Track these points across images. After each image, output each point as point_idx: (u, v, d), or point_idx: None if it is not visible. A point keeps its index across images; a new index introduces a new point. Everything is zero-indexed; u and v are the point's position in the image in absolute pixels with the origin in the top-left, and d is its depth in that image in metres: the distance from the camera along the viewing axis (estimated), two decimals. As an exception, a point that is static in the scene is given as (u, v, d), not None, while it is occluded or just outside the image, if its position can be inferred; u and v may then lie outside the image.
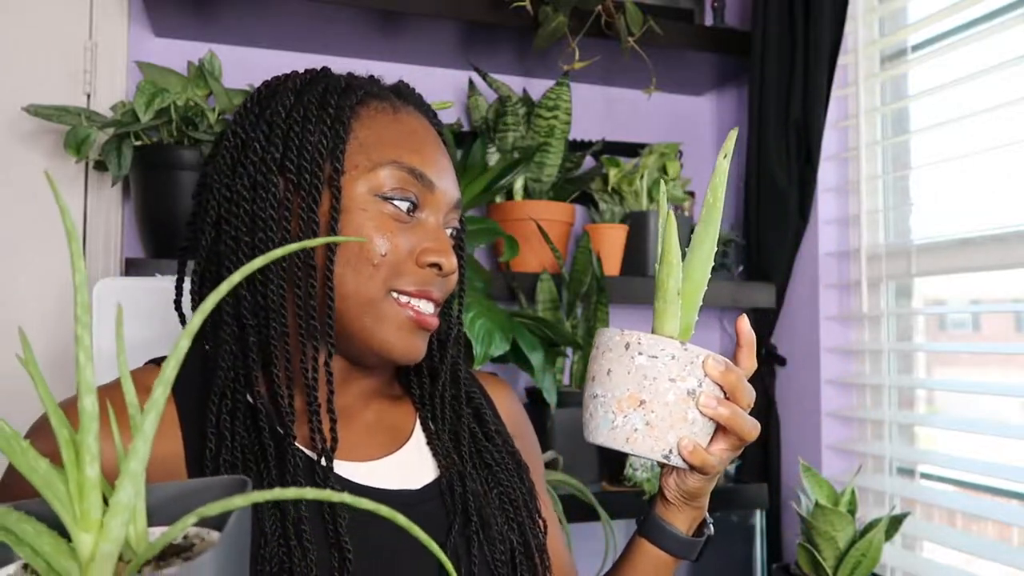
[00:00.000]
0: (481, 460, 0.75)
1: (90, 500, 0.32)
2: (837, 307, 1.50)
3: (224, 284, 0.35)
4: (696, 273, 0.67)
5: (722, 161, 0.65)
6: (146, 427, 0.33)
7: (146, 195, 1.26)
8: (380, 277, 0.66)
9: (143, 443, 0.33)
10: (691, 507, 0.73)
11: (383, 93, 0.73)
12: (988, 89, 1.24)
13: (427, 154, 0.70)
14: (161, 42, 1.45)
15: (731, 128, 0.71)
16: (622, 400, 0.63)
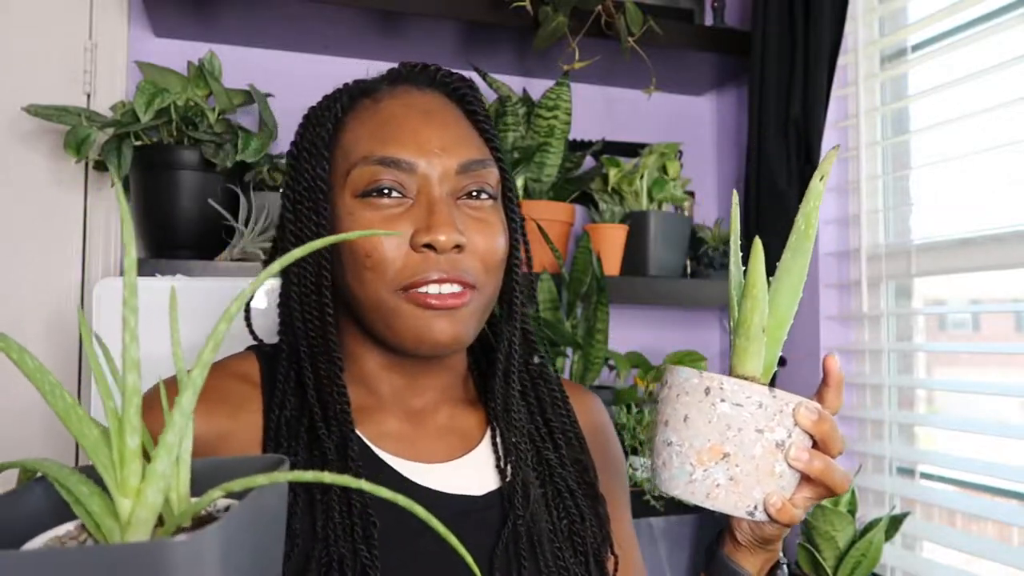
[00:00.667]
0: (548, 472, 0.73)
1: (129, 468, 0.35)
2: (837, 307, 1.50)
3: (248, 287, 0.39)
4: (781, 308, 0.62)
5: (817, 184, 0.60)
6: (184, 403, 0.35)
7: (146, 195, 1.26)
8: (379, 278, 0.66)
9: (180, 416, 0.35)
10: (765, 551, 0.68)
11: (371, 87, 0.74)
12: (988, 89, 1.24)
13: (403, 135, 0.68)
14: (161, 42, 1.45)
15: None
16: (702, 452, 0.58)
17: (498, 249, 0.69)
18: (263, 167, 1.32)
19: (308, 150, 0.70)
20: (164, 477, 0.35)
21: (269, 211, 1.29)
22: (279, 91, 1.46)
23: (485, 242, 0.68)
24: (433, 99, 0.73)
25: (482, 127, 0.74)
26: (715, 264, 1.57)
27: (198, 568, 0.31)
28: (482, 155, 0.71)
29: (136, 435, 0.35)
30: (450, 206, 0.67)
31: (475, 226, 0.68)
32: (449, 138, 0.69)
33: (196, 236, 1.27)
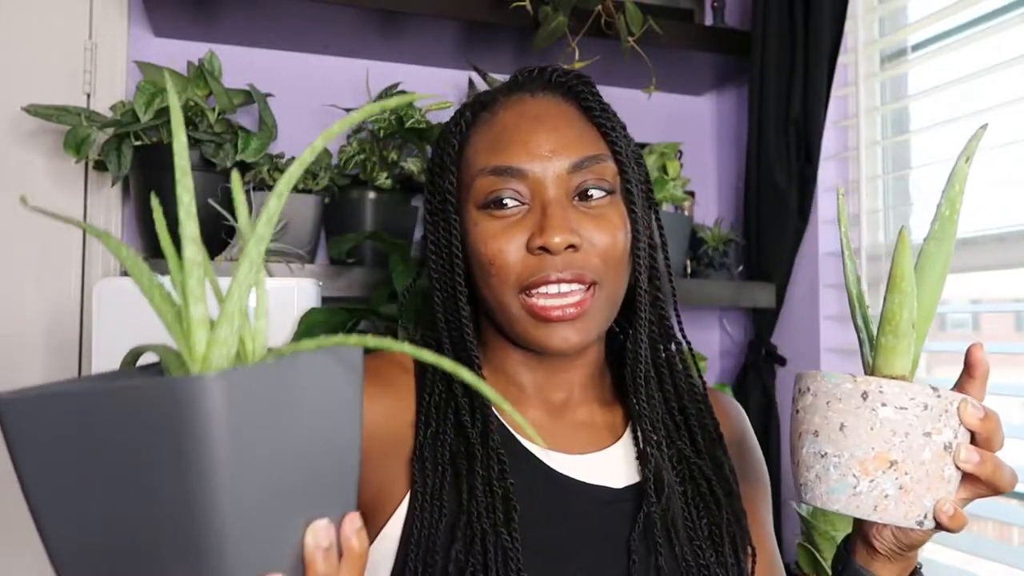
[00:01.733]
0: (685, 464, 0.74)
1: (195, 337, 0.38)
2: (837, 307, 1.50)
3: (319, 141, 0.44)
4: (928, 300, 0.59)
5: (963, 166, 0.57)
6: (241, 277, 0.39)
7: (146, 195, 1.26)
8: (502, 283, 0.69)
9: (237, 287, 0.38)
10: (905, 558, 0.64)
11: (490, 98, 0.77)
12: (988, 89, 1.24)
13: (514, 144, 0.71)
14: (161, 42, 1.45)
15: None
16: (866, 461, 0.54)
17: (617, 244, 0.70)
18: (263, 167, 1.32)
19: (439, 165, 0.75)
20: (226, 343, 0.37)
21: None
22: (279, 91, 1.46)
23: (603, 238, 0.70)
24: (547, 103, 0.75)
25: (599, 122, 0.75)
26: (715, 264, 1.57)
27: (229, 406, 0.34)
28: (596, 151, 0.72)
29: (199, 304, 0.38)
30: (564, 207, 0.69)
31: (592, 223, 0.70)
32: (560, 139, 0.71)
33: (196, 236, 1.27)
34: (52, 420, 0.35)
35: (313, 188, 1.34)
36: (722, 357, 1.76)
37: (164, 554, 0.35)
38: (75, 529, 0.36)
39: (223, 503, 0.34)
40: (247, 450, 0.35)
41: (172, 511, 0.34)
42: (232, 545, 0.35)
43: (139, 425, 0.34)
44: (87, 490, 0.35)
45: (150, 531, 0.35)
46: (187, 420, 0.33)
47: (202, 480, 0.34)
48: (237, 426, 0.34)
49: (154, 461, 0.34)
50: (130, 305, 1.06)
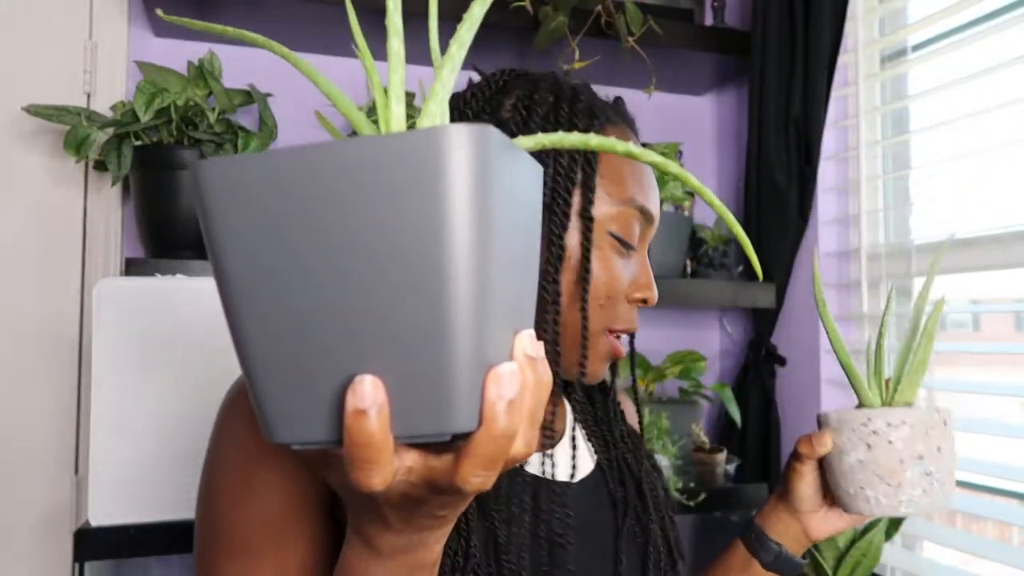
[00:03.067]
0: (623, 460, 0.78)
1: (393, 110, 0.36)
2: (837, 307, 1.50)
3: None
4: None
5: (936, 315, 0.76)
6: (454, 55, 0.37)
7: (146, 195, 1.26)
8: (603, 317, 0.68)
9: (449, 70, 0.37)
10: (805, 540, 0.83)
11: (616, 118, 0.74)
12: (988, 89, 1.24)
13: (652, 193, 0.71)
14: (161, 42, 1.45)
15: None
16: (953, 472, 0.74)
17: None
18: (263, 167, 1.32)
19: (582, 131, 0.69)
20: (434, 119, 0.36)
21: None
22: (279, 91, 1.46)
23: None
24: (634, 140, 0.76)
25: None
26: (715, 264, 1.57)
27: (479, 161, 0.31)
28: None
29: (401, 103, 0.36)
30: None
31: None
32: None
33: (196, 236, 1.27)
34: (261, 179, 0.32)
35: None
36: (722, 357, 1.76)
37: (373, 328, 0.32)
38: (273, 310, 0.33)
39: (462, 274, 0.31)
40: (489, 217, 0.32)
41: (396, 279, 0.32)
42: (462, 327, 0.32)
43: (375, 182, 0.31)
44: (297, 257, 0.32)
45: (359, 305, 0.32)
46: (437, 171, 0.31)
47: (443, 241, 0.31)
48: (486, 186, 0.32)
49: (387, 222, 0.31)
50: (130, 305, 1.06)
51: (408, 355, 0.32)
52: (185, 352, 1.06)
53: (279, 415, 0.34)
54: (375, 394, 0.32)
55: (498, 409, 0.33)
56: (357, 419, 0.32)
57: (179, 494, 1.06)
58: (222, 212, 0.33)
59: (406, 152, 0.31)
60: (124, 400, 1.05)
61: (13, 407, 1.33)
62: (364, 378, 0.32)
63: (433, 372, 0.32)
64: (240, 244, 0.33)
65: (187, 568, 1.41)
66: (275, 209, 0.32)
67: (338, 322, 0.33)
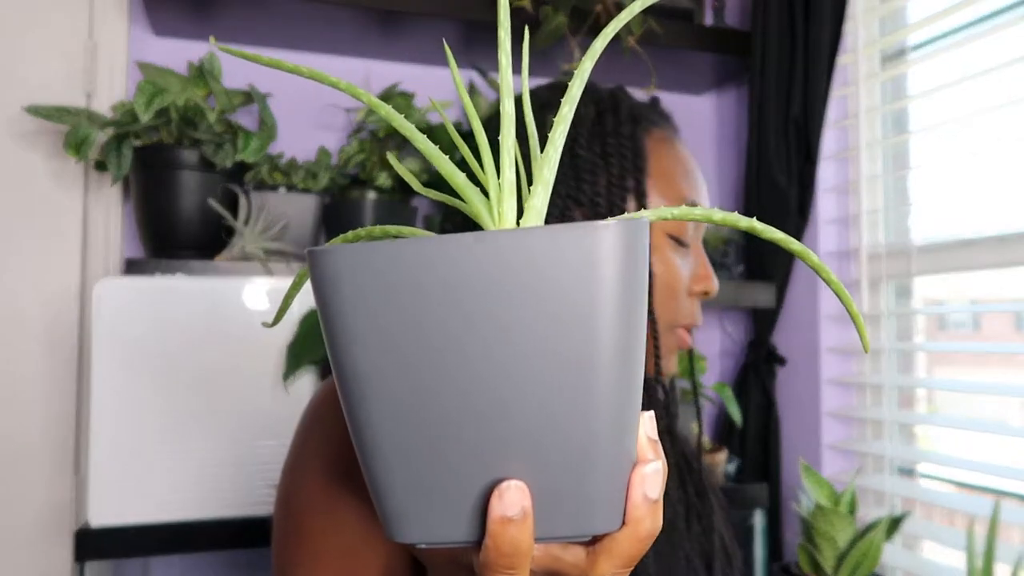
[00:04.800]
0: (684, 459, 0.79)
1: (507, 204, 0.34)
2: (837, 306, 1.50)
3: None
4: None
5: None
6: (556, 138, 0.35)
7: (146, 195, 1.26)
8: (668, 313, 0.70)
9: (555, 151, 0.35)
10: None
11: (657, 119, 0.75)
12: (988, 89, 1.24)
13: (699, 181, 0.73)
14: (161, 42, 1.45)
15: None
16: None
17: None
18: (263, 167, 1.32)
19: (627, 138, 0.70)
20: (540, 213, 0.34)
21: (269, 211, 1.29)
22: (279, 91, 1.46)
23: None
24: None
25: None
26: (715, 264, 1.57)
27: (626, 255, 0.31)
28: None
29: (513, 168, 0.34)
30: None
31: None
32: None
33: (196, 236, 1.27)
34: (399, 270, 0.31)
35: (313, 188, 1.34)
36: (722, 357, 1.76)
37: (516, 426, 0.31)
38: (407, 406, 0.31)
39: (610, 367, 0.30)
40: (636, 312, 0.32)
41: (542, 375, 0.30)
42: (608, 424, 0.31)
43: (523, 277, 0.30)
44: (437, 351, 0.31)
45: (502, 402, 0.31)
46: (595, 267, 0.30)
47: (595, 336, 0.30)
48: (634, 281, 0.31)
49: (535, 317, 0.30)
50: (130, 305, 1.06)
51: (552, 454, 0.31)
52: (185, 352, 1.06)
53: (405, 513, 0.33)
54: (522, 500, 0.31)
55: (644, 511, 0.33)
56: (503, 526, 0.31)
57: (179, 494, 1.06)
58: (352, 302, 0.31)
59: (562, 248, 0.30)
60: (124, 400, 1.05)
61: (13, 407, 1.33)
62: (511, 484, 0.31)
63: (577, 471, 0.31)
64: (373, 336, 0.31)
65: (187, 568, 1.41)
66: (413, 301, 0.31)
67: (479, 421, 0.31)
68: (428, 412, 0.31)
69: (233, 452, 1.08)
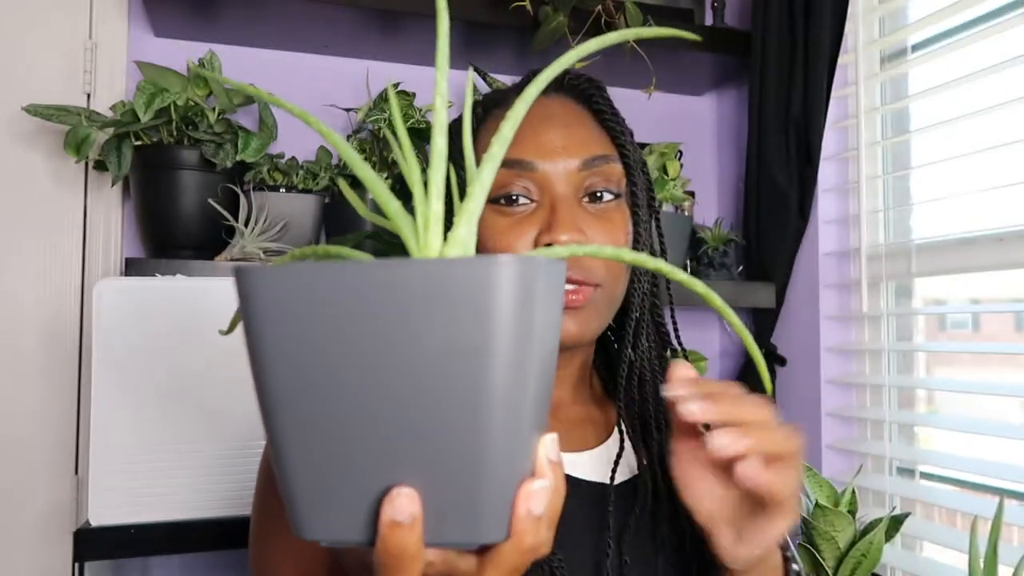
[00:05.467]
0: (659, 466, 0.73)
1: (432, 231, 0.37)
2: (837, 307, 1.50)
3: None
4: None
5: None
6: (483, 176, 0.38)
7: (146, 195, 1.27)
8: None
9: (480, 189, 0.37)
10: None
11: (502, 97, 0.75)
12: (988, 89, 1.24)
13: (524, 138, 0.70)
14: (161, 42, 1.45)
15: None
16: None
17: (619, 247, 0.70)
18: (263, 167, 1.32)
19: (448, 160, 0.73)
20: (464, 244, 0.37)
21: (269, 211, 1.29)
22: (279, 91, 1.46)
23: (606, 240, 0.69)
24: (559, 103, 0.75)
25: (608, 125, 0.75)
26: (715, 264, 1.57)
27: (521, 290, 0.33)
28: (604, 151, 0.72)
29: (440, 200, 0.37)
30: (572, 206, 0.69)
31: (597, 225, 0.69)
32: (570, 137, 0.71)
33: (196, 236, 1.27)
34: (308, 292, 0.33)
35: (313, 188, 1.34)
36: (722, 357, 1.76)
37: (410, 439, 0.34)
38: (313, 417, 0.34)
39: (500, 392, 0.33)
40: (530, 341, 0.34)
41: (437, 395, 0.33)
42: (497, 442, 0.33)
43: (424, 304, 0.32)
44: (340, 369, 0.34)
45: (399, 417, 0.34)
46: (487, 299, 0.32)
47: (485, 363, 0.33)
48: (529, 313, 0.34)
49: (433, 341, 0.33)
50: (130, 305, 1.06)
51: (443, 467, 0.34)
52: (185, 352, 1.06)
53: (310, 514, 0.35)
54: (411, 506, 0.34)
55: (527, 525, 0.35)
56: (392, 530, 0.33)
57: (179, 494, 1.06)
58: (266, 320, 0.34)
59: (458, 279, 0.32)
60: (124, 400, 1.05)
61: (13, 407, 1.33)
62: (401, 490, 0.34)
63: (466, 484, 0.34)
64: (283, 352, 0.34)
65: (187, 568, 1.41)
66: (321, 321, 0.33)
67: (377, 432, 0.34)
68: (332, 423, 0.34)
69: (233, 452, 1.08)
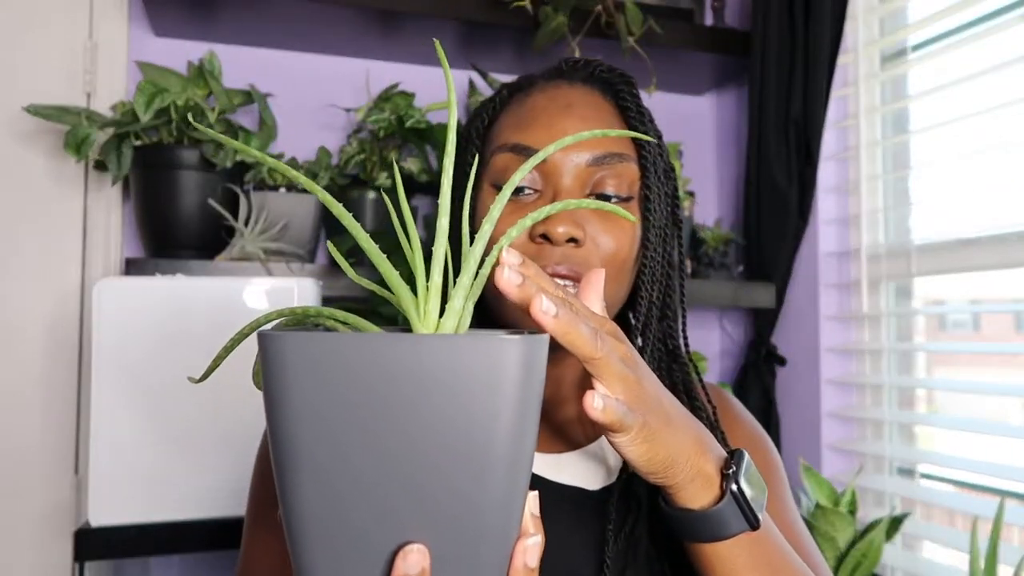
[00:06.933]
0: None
1: (431, 303, 0.39)
2: (837, 307, 1.50)
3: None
4: None
5: None
6: (476, 252, 0.41)
7: (146, 195, 1.26)
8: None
9: (473, 262, 0.40)
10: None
11: (529, 81, 0.74)
12: (988, 89, 1.24)
13: (538, 126, 0.68)
14: (161, 42, 1.45)
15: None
16: None
17: (622, 249, 0.67)
18: (263, 167, 1.32)
19: (464, 138, 0.73)
20: (458, 313, 0.39)
21: (269, 211, 1.29)
22: (279, 91, 1.46)
23: (606, 240, 0.66)
24: (582, 93, 0.72)
25: (632, 124, 0.72)
26: (715, 264, 1.57)
27: (526, 365, 0.36)
28: (620, 150, 0.69)
29: (440, 274, 0.40)
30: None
31: (599, 223, 0.67)
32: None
33: (196, 236, 1.27)
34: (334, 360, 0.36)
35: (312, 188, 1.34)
36: (722, 357, 1.76)
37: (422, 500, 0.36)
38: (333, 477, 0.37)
39: (504, 458, 0.36)
40: (532, 412, 0.37)
41: (448, 459, 0.36)
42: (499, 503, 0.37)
43: (441, 375, 0.35)
44: (363, 433, 0.36)
45: (413, 479, 0.36)
46: (499, 375, 0.36)
47: (494, 432, 0.36)
48: (533, 386, 0.37)
49: (447, 410, 0.36)
50: (130, 305, 1.06)
51: (450, 525, 0.37)
52: (185, 352, 1.06)
53: (322, 569, 0.38)
54: (422, 561, 0.36)
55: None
56: None
57: (179, 494, 1.06)
58: (292, 384, 0.36)
59: (474, 356, 0.36)
60: (124, 400, 1.05)
61: (13, 407, 1.33)
62: (414, 546, 0.36)
63: (471, 540, 0.37)
64: (306, 416, 0.36)
65: (187, 568, 1.41)
66: (348, 388, 0.36)
67: (390, 493, 0.36)
68: (348, 483, 0.36)
69: (233, 452, 1.08)
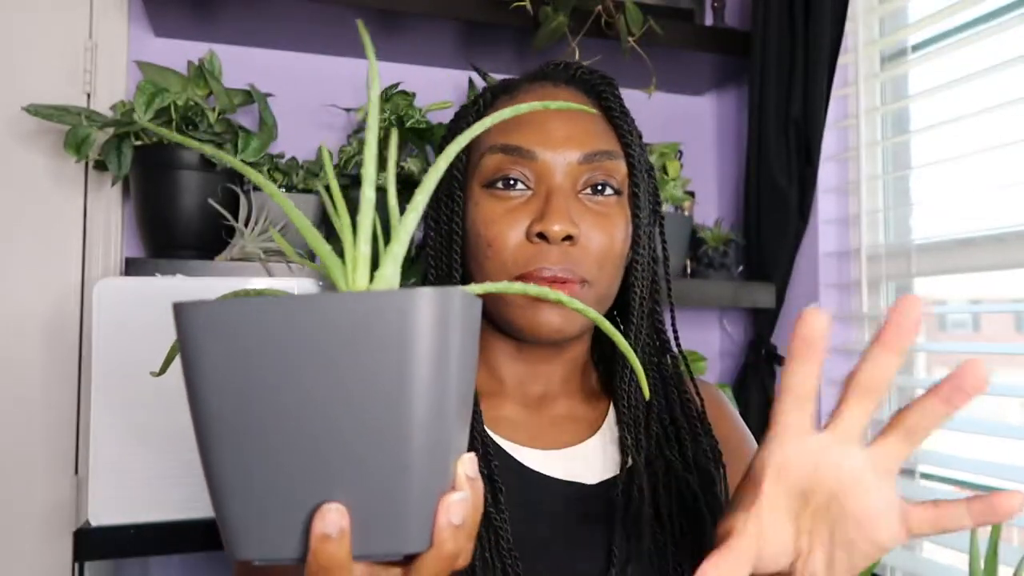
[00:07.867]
0: (675, 485, 0.70)
1: (360, 272, 0.40)
2: (837, 307, 1.50)
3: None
4: None
5: None
6: (407, 223, 0.41)
7: (146, 195, 1.26)
8: (496, 267, 0.67)
9: (405, 233, 0.40)
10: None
11: (513, 84, 0.75)
12: (988, 89, 1.24)
13: (528, 126, 0.69)
14: (161, 42, 1.45)
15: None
16: None
17: (615, 245, 0.69)
18: (263, 167, 1.32)
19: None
20: (389, 282, 0.40)
21: (269, 211, 1.29)
22: (279, 91, 1.46)
23: (600, 237, 0.68)
24: (568, 94, 0.75)
25: (616, 123, 0.74)
26: (715, 264, 1.57)
27: (439, 317, 0.36)
28: (608, 147, 0.71)
29: (368, 243, 0.40)
30: (568, 197, 0.68)
31: (593, 220, 0.68)
32: (575, 130, 0.70)
33: (196, 236, 1.27)
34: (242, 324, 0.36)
35: (313, 188, 1.34)
36: (722, 357, 1.76)
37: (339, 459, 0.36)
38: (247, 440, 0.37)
39: (422, 413, 0.36)
40: (448, 367, 0.37)
41: (364, 417, 0.36)
42: (420, 459, 0.36)
43: (350, 333, 0.35)
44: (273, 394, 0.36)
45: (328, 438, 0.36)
46: (408, 327, 0.35)
47: (408, 386, 0.35)
48: (446, 341, 0.37)
49: (359, 368, 0.36)
50: (130, 305, 1.06)
51: (370, 483, 0.36)
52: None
53: (244, 534, 0.37)
54: (340, 521, 0.36)
55: (447, 534, 0.37)
56: (322, 543, 0.36)
57: (179, 494, 1.06)
58: (204, 350, 0.36)
59: (381, 310, 0.35)
60: (124, 400, 1.05)
61: (13, 407, 1.33)
62: (331, 506, 0.36)
63: (392, 498, 0.36)
64: (218, 381, 0.36)
65: (187, 568, 1.41)
66: (256, 351, 0.36)
67: (307, 454, 0.36)
68: (265, 447, 0.36)
69: (233, 452, 1.08)
